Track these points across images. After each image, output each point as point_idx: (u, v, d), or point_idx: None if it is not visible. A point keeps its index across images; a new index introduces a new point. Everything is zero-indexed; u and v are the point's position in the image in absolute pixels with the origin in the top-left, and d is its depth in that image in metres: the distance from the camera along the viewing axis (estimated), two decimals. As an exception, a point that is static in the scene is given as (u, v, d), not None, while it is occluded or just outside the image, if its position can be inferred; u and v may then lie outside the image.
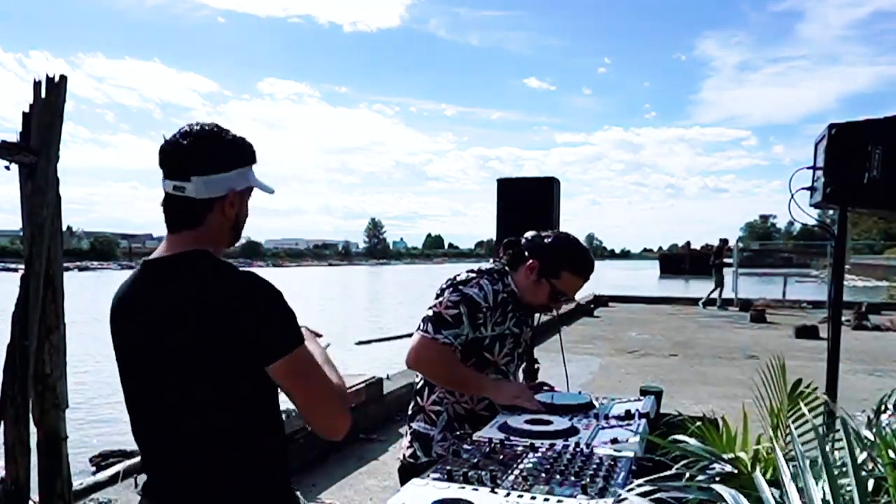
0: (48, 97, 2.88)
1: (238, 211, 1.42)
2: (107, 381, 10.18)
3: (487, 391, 1.99)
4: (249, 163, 1.42)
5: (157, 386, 1.35)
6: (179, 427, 1.34)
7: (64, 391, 3.00)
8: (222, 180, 1.36)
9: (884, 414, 1.55)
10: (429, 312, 1.98)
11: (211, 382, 1.29)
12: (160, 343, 1.32)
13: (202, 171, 1.33)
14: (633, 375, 7.87)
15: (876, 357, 9.17)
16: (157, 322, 1.32)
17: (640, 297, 20.06)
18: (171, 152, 1.36)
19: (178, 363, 1.30)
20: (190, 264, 1.34)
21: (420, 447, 2.05)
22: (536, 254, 2.05)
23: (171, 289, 1.33)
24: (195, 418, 1.32)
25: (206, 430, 1.32)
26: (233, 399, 1.31)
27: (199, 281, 1.31)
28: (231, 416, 1.32)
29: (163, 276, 1.36)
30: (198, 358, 1.28)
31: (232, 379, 1.29)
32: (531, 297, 2.08)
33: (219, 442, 1.32)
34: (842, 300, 2.96)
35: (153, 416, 1.38)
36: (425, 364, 1.98)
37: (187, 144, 1.34)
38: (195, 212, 1.36)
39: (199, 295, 1.30)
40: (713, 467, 1.27)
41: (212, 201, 1.36)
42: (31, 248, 2.86)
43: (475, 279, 2.01)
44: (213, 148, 1.36)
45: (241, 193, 1.40)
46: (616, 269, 76.17)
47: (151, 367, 1.35)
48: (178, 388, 1.31)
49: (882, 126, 2.55)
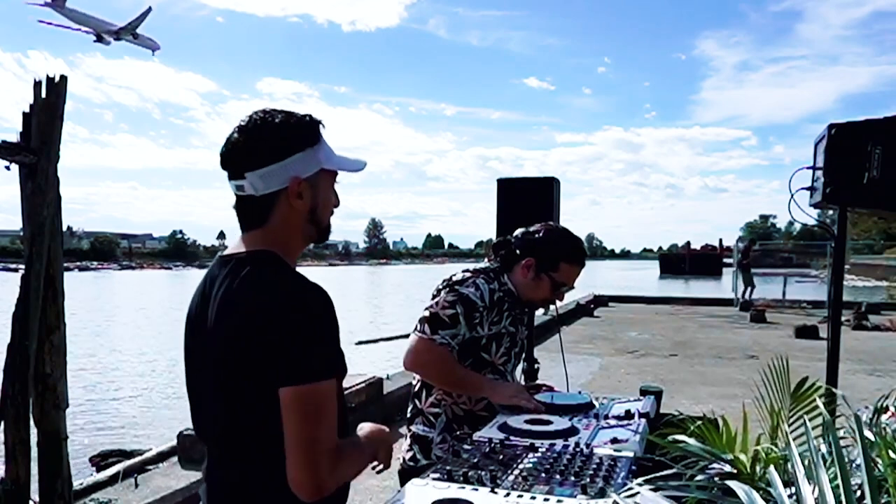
0: (48, 97, 2.88)
1: (312, 200, 1.29)
2: (107, 381, 10.18)
3: (485, 391, 1.98)
4: (312, 143, 1.27)
5: (202, 374, 1.31)
6: (215, 415, 1.29)
7: (64, 391, 3.00)
8: (279, 170, 1.24)
9: (884, 414, 1.55)
10: (425, 313, 1.97)
11: (234, 386, 1.22)
12: (209, 336, 1.26)
13: (255, 165, 1.24)
14: (633, 375, 7.87)
15: (876, 357, 9.17)
16: (211, 315, 1.27)
17: (640, 297, 20.05)
18: (226, 151, 1.28)
19: (216, 358, 1.25)
20: (247, 265, 1.25)
21: (419, 450, 2.04)
22: (530, 251, 2.04)
23: (226, 287, 1.25)
24: (223, 411, 1.26)
25: (234, 437, 1.26)
26: (251, 413, 1.21)
27: (248, 284, 1.22)
28: (252, 426, 1.23)
29: (224, 273, 1.28)
30: (227, 360, 1.21)
31: (248, 392, 1.20)
32: (532, 293, 2.07)
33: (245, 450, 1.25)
34: (841, 300, 2.96)
35: (198, 402, 1.35)
36: (423, 365, 1.98)
37: (237, 139, 1.26)
38: (260, 209, 1.27)
39: (244, 298, 1.21)
40: (713, 467, 1.27)
41: (275, 195, 1.25)
42: (31, 248, 2.86)
43: (471, 279, 2.00)
44: (261, 137, 1.24)
45: (310, 180, 1.27)
46: (616, 269, 76.16)
47: (200, 356, 1.31)
48: (214, 380, 1.26)
49: (882, 126, 2.55)
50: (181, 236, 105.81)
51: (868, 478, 0.94)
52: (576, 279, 2.10)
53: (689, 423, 1.43)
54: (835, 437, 1.04)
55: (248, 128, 1.26)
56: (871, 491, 0.93)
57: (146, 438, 6.30)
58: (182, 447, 4.29)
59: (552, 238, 2.05)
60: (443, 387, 2.02)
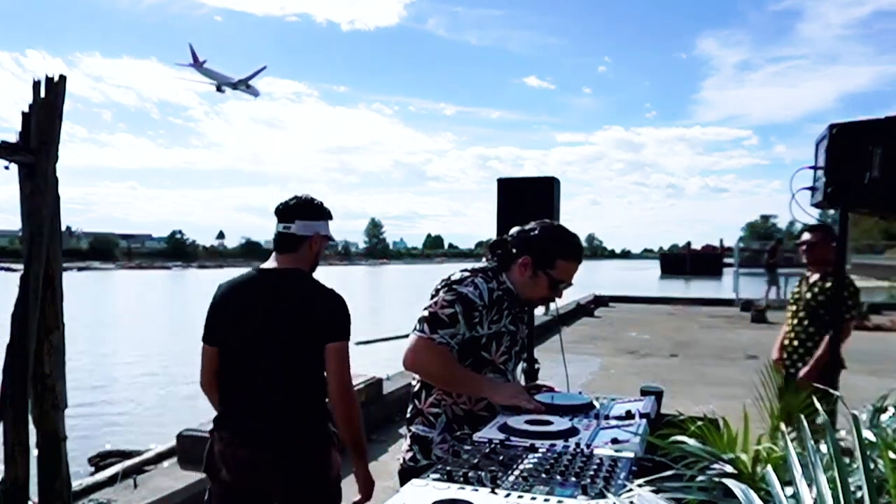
0: (47, 97, 2.87)
1: (319, 248, 2.26)
2: (106, 381, 10.18)
3: (485, 391, 1.97)
4: (329, 219, 2.29)
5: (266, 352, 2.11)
6: (273, 377, 2.10)
7: (63, 391, 2.99)
8: (312, 225, 2.23)
9: (884, 414, 1.54)
10: (424, 313, 1.97)
11: (298, 348, 2.11)
12: (268, 322, 2.10)
13: (301, 218, 2.21)
14: (633, 375, 7.87)
15: (876, 357, 9.17)
16: (274, 311, 2.11)
17: (640, 297, 20.06)
18: (283, 207, 2.23)
19: (282, 334, 2.10)
20: (292, 277, 2.18)
21: (419, 450, 2.03)
22: (526, 249, 2.03)
23: (281, 290, 2.15)
24: (285, 371, 2.11)
25: (289, 377, 2.12)
26: (307, 360, 2.12)
27: (297, 287, 2.17)
28: (312, 376, 2.14)
29: (275, 281, 2.18)
30: (292, 331, 2.10)
31: (309, 348, 2.11)
32: (531, 292, 2.06)
33: (297, 384, 2.12)
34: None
35: (252, 370, 2.13)
36: (422, 365, 1.97)
37: (293, 203, 2.23)
38: (295, 243, 2.21)
39: (303, 294, 2.15)
40: (713, 468, 1.26)
41: (305, 238, 2.21)
42: (30, 249, 2.86)
43: (470, 278, 2.00)
44: (308, 206, 2.24)
45: (321, 237, 2.25)
46: (616, 269, 76.18)
47: (265, 337, 2.10)
48: (281, 349, 2.10)
49: (882, 126, 2.55)
50: (180, 236, 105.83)
51: (866, 478, 0.94)
52: (573, 276, 2.09)
53: (689, 423, 1.42)
54: (832, 437, 1.03)
55: (301, 198, 2.25)
56: (869, 491, 0.92)
57: (145, 439, 6.29)
58: (181, 448, 4.29)
59: (548, 235, 2.04)
60: (442, 386, 2.02)
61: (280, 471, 2.08)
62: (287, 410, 2.10)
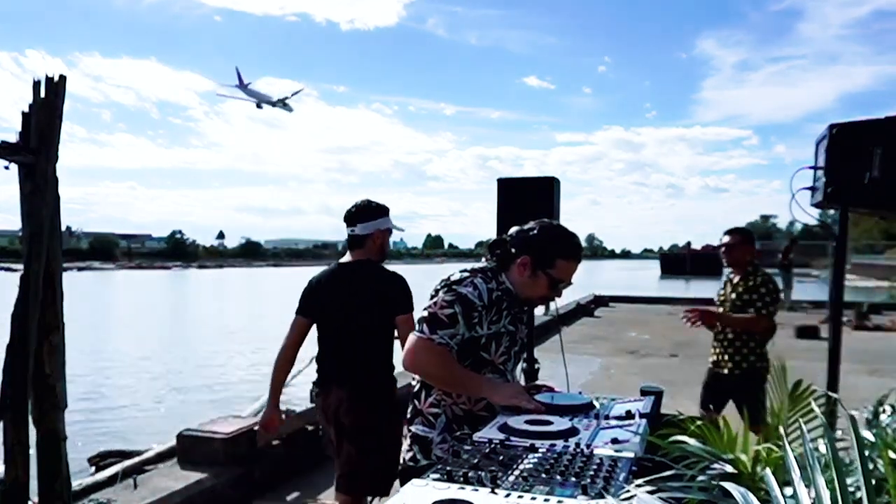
0: (47, 97, 2.87)
1: (381, 240, 2.95)
2: (106, 381, 10.18)
3: (484, 391, 1.96)
4: (385, 215, 2.95)
5: (349, 323, 2.84)
6: (361, 341, 2.84)
7: (63, 391, 2.99)
8: (371, 224, 2.91)
9: (883, 414, 1.54)
10: (424, 313, 1.97)
11: (378, 321, 2.83)
12: (355, 302, 2.84)
13: (361, 221, 2.91)
14: (633, 375, 7.87)
15: (876, 357, 9.17)
16: (353, 293, 2.85)
17: (640, 297, 20.05)
18: (347, 215, 2.93)
19: (365, 311, 2.83)
20: (363, 266, 2.91)
21: (420, 450, 2.03)
22: (525, 249, 2.02)
23: (356, 276, 2.89)
24: (370, 338, 2.85)
25: (366, 341, 2.85)
26: (384, 331, 2.85)
27: (368, 274, 2.90)
28: (383, 339, 2.87)
29: (353, 271, 2.92)
30: (372, 308, 2.83)
31: (385, 321, 2.83)
32: (530, 291, 2.06)
33: (377, 349, 2.87)
34: (842, 300, 2.96)
35: (343, 338, 2.86)
36: (422, 365, 1.97)
37: (353, 210, 2.93)
38: (361, 241, 2.91)
39: (372, 279, 2.88)
40: (714, 468, 1.26)
41: (368, 235, 2.91)
42: (30, 249, 2.85)
43: (469, 278, 1.99)
44: (365, 209, 2.93)
45: (382, 231, 2.94)
46: (616, 269, 76.15)
47: (348, 312, 2.84)
48: (363, 322, 2.83)
49: (882, 126, 2.55)
50: (180, 236, 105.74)
51: (864, 478, 0.94)
52: (573, 275, 2.08)
53: (689, 423, 1.42)
54: (831, 438, 1.03)
55: (359, 204, 2.95)
56: (867, 492, 0.92)
57: (145, 439, 6.29)
58: (181, 448, 4.29)
59: (547, 235, 2.03)
60: (442, 387, 2.01)
61: (352, 411, 2.81)
62: (364, 364, 2.84)
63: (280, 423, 3.16)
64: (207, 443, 4.18)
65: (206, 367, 11.52)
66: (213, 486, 3.98)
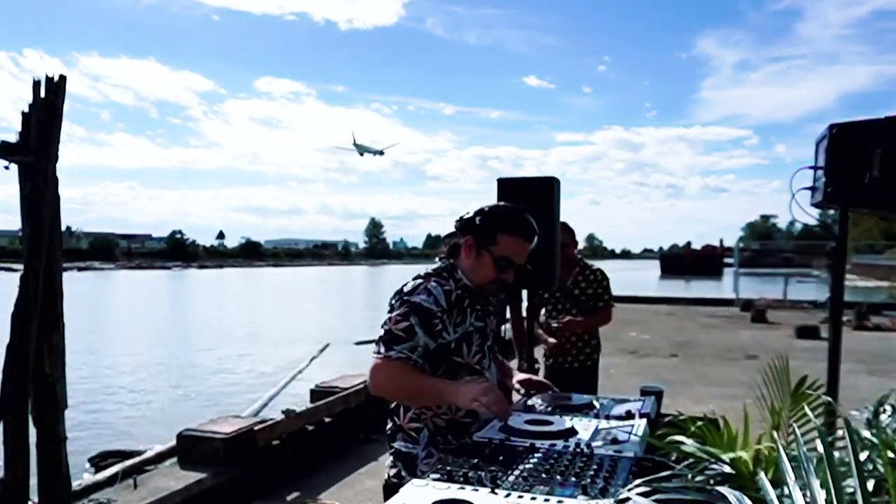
0: (47, 97, 2.87)
1: None
2: (106, 381, 10.17)
3: (447, 397, 1.81)
4: None
5: None
6: None
7: (63, 392, 2.99)
8: None
9: (883, 414, 1.54)
10: (381, 332, 1.87)
11: None
12: None
13: None
14: (633, 375, 7.86)
15: (877, 357, 9.17)
16: None
17: (640, 297, 20.04)
18: None
19: None
20: None
21: (404, 467, 1.91)
22: (468, 229, 1.95)
23: None
24: None
25: None
26: None
27: None
28: None
29: None
30: None
31: None
32: (478, 275, 1.96)
33: None
34: (842, 300, 2.96)
35: None
36: (382, 386, 1.85)
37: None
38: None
39: None
40: (714, 468, 1.26)
41: None
42: (30, 248, 2.86)
43: (422, 284, 1.90)
44: None
45: None
46: (616, 269, 76.10)
47: None
48: None
49: (882, 126, 2.55)
50: (180, 236, 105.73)
51: (858, 480, 0.94)
52: (523, 256, 1.97)
53: (689, 423, 1.42)
54: (825, 441, 1.03)
55: None
56: (862, 493, 0.92)
57: (145, 439, 6.29)
58: (181, 448, 4.29)
59: (488, 212, 1.95)
60: (406, 402, 1.92)
61: None
62: None
63: None
64: (207, 443, 4.18)
65: (207, 367, 11.53)
66: (213, 485, 3.98)
